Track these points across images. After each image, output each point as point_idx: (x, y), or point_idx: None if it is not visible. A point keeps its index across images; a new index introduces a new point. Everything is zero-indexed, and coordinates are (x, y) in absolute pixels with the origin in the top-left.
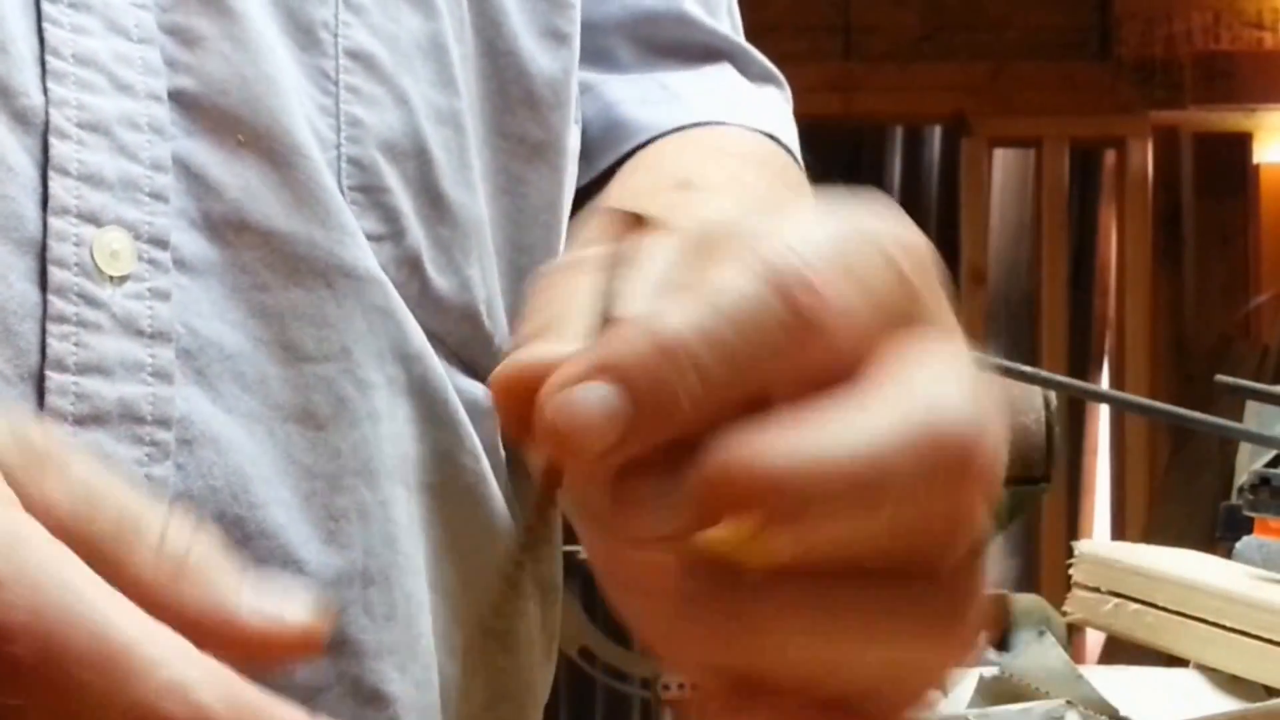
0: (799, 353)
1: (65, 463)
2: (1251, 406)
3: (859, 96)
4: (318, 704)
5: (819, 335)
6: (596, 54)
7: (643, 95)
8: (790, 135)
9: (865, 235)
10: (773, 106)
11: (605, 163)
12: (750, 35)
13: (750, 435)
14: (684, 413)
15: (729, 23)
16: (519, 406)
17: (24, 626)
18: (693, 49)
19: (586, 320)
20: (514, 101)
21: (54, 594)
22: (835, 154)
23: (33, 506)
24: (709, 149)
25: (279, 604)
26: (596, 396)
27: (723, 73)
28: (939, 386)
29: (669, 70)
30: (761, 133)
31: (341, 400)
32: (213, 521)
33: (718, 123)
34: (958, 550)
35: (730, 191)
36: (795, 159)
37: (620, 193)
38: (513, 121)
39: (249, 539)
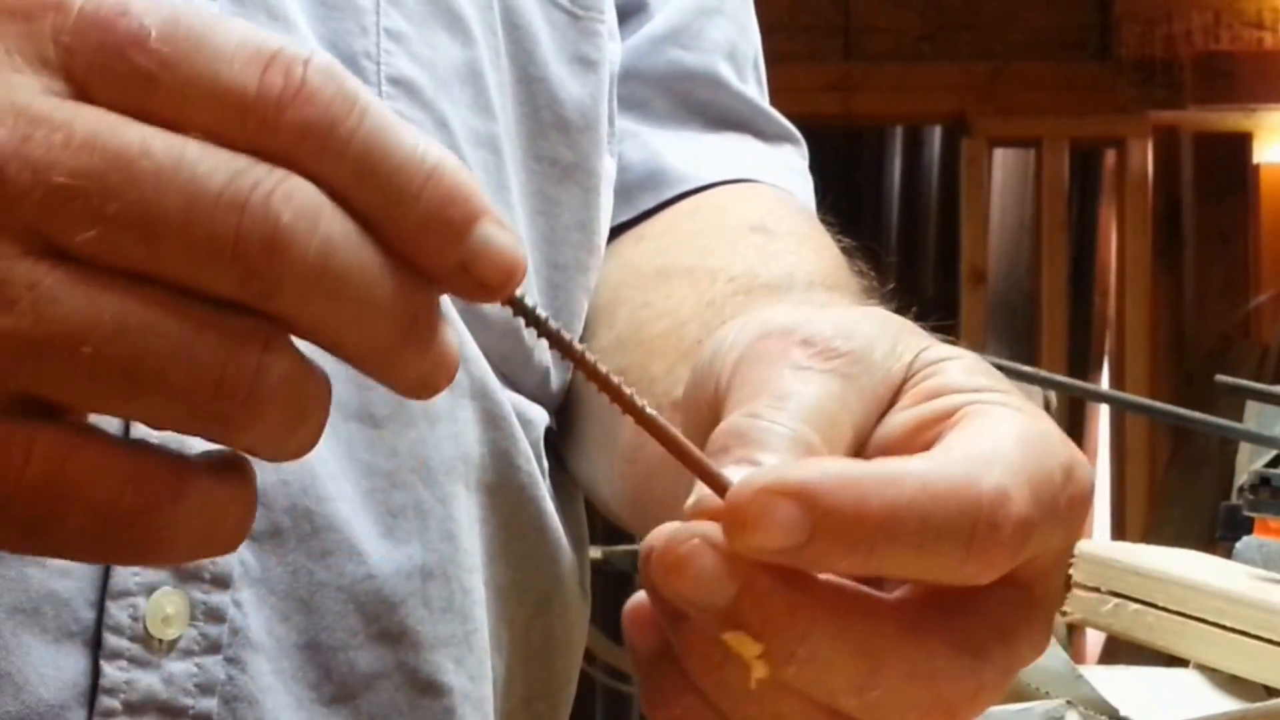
0: (956, 573)
1: None
2: (1251, 406)
3: (859, 96)
4: (374, 692)
5: (986, 568)
6: (635, 103)
7: (684, 149)
8: (806, 193)
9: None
10: (790, 166)
11: (646, 204)
12: None
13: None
14: (842, 568)
15: (754, 79)
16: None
17: (151, 3)
18: (719, 112)
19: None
20: (546, 125)
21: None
22: (835, 154)
23: None
24: (767, 199)
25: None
26: (786, 513)
27: (743, 141)
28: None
29: (696, 130)
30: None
31: (398, 401)
32: (283, 514)
33: (751, 180)
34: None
35: (796, 239)
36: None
37: (690, 236)
38: (545, 145)
39: (317, 531)
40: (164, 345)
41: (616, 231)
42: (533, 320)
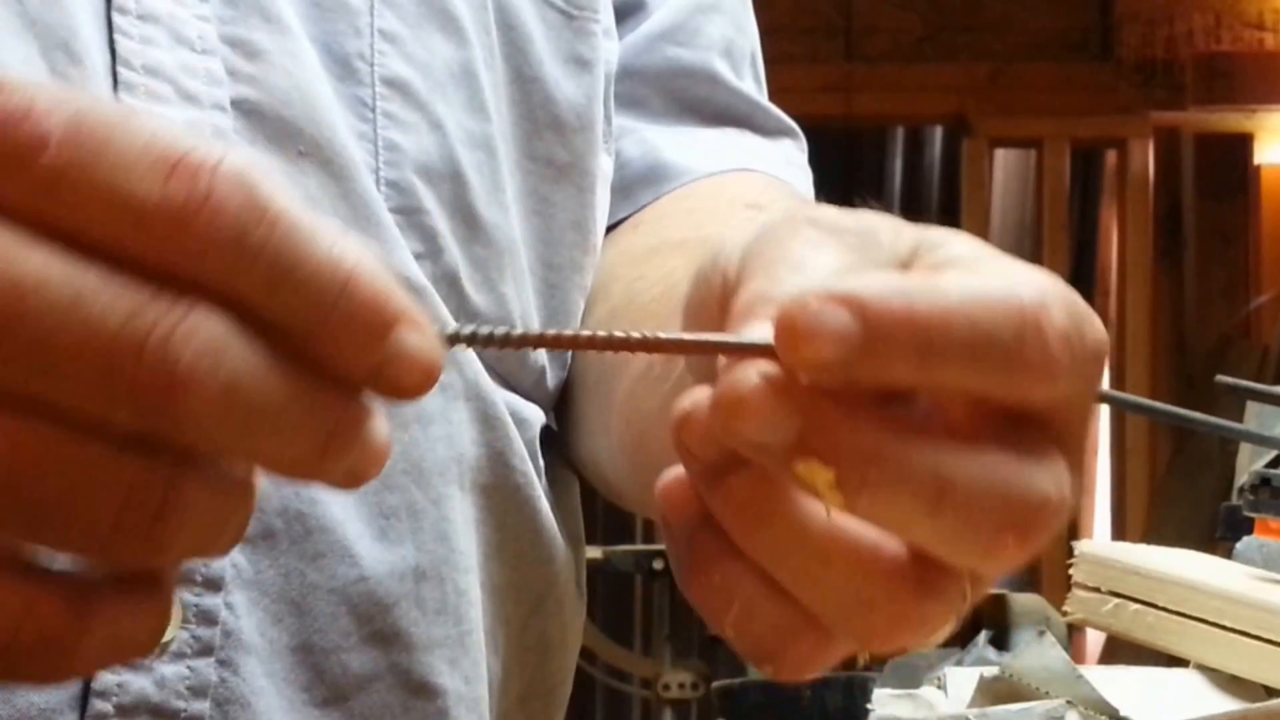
0: (1008, 379)
1: None
2: (1252, 407)
3: (860, 97)
4: (367, 694)
5: (1037, 374)
6: (632, 101)
7: (682, 143)
8: (805, 186)
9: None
10: (789, 159)
11: (646, 199)
12: None
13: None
14: (897, 376)
15: (751, 76)
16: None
17: (56, 104)
18: (716, 108)
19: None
20: (541, 125)
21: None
22: (836, 155)
23: None
24: (761, 182)
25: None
26: (838, 319)
27: (741, 135)
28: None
29: (694, 126)
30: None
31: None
32: (275, 516)
33: (749, 169)
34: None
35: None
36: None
37: (685, 214)
38: (540, 145)
39: (309, 533)
40: (58, 486)
41: (614, 226)
42: (492, 342)
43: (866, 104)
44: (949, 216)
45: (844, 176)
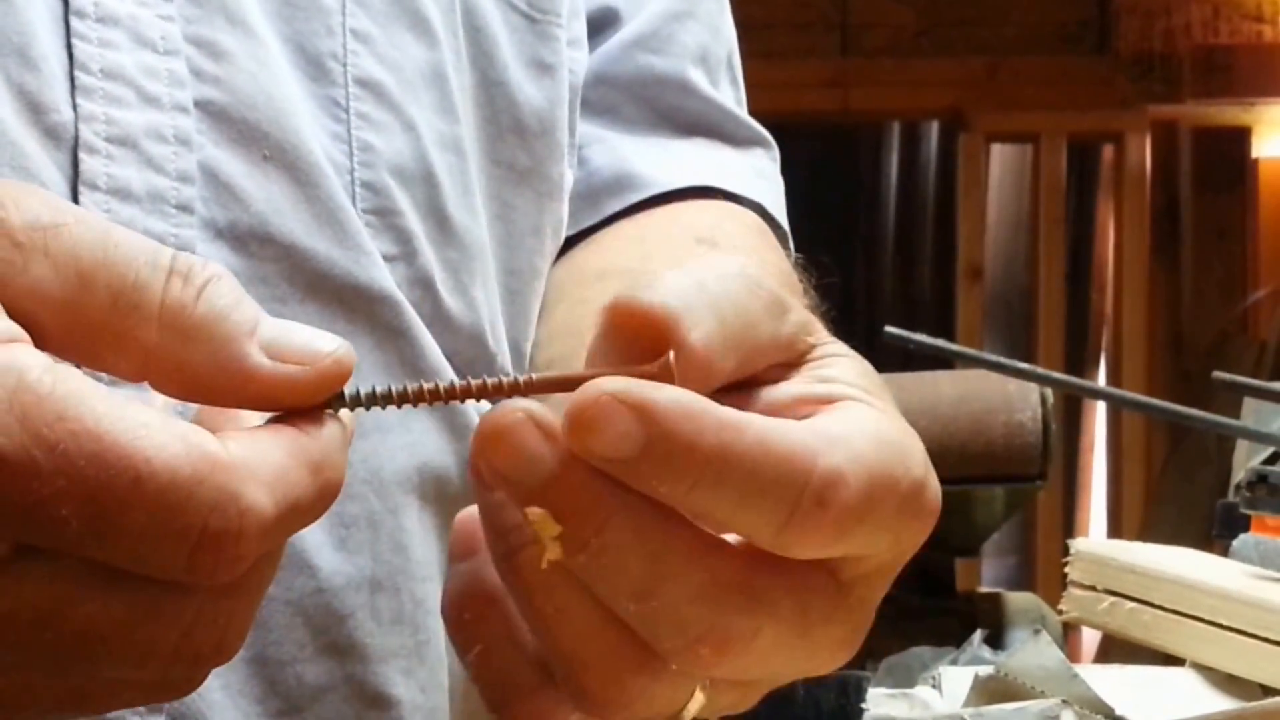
0: (775, 536)
1: (48, 243)
2: (1249, 403)
3: (856, 92)
4: (322, 705)
5: (808, 541)
6: (604, 109)
7: (651, 154)
8: (775, 197)
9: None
10: (759, 170)
11: (613, 209)
12: (748, 32)
13: None
14: (666, 491)
15: (727, 80)
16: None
17: (58, 477)
18: (688, 117)
19: None
20: (504, 129)
21: (78, 442)
22: (832, 150)
23: (20, 298)
24: (717, 213)
25: (297, 344)
26: (624, 423)
27: (711, 147)
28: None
29: (666, 136)
30: (749, 201)
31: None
32: None
33: (716, 188)
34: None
35: (742, 252)
36: (778, 223)
37: (636, 241)
38: (503, 148)
39: None
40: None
41: (578, 237)
42: (374, 401)
43: (863, 99)
44: (945, 212)
45: (841, 172)
